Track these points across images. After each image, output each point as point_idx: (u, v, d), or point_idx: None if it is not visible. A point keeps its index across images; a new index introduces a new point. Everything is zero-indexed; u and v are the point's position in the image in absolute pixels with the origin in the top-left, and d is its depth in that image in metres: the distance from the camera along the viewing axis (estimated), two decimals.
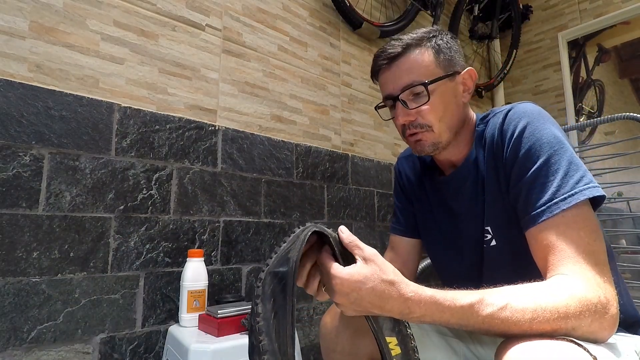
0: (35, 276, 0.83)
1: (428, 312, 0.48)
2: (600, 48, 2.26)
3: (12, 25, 0.85)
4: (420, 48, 0.69)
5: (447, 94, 0.69)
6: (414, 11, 1.84)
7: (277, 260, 0.50)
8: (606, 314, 0.48)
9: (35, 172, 0.85)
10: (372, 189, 1.63)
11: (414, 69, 0.68)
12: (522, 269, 0.60)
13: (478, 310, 0.48)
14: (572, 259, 0.52)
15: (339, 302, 0.50)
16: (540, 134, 0.60)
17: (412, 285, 0.50)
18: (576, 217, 0.54)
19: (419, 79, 0.67)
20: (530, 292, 0.48)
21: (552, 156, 0.58)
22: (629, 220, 1.67)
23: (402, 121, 0.70)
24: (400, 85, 0.68)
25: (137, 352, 0.94)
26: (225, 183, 1.16)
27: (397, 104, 0.69)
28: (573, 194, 0.54)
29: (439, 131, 0.69)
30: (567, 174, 0.56)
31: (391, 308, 0.48)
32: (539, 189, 0.57)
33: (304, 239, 0.49)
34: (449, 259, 0.78)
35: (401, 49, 0.68)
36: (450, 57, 0.70)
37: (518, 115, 0.63)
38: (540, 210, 0.56)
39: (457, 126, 0.71)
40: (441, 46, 0.70)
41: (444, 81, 0.69)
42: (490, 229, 0.68)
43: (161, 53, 1.08)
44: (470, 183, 0.71)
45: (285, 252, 0.50)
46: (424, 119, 0.68)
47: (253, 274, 1.19)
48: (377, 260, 0.50)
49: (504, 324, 0.47)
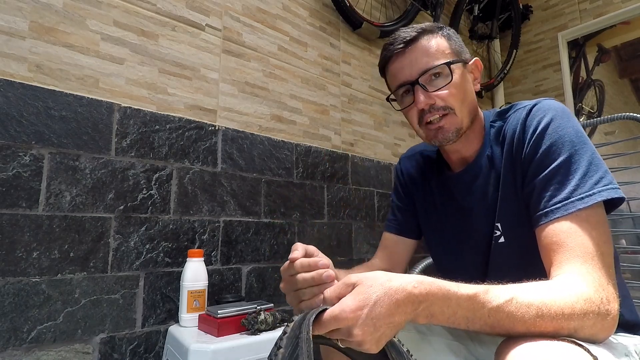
0: (35, 276, 0.83)
1: (436, 299, 0.45)
2: (600, 48, 2.26)
3: (12, 25, 0.85)
4: (434, 34, 0.69)
5: (464, 78, 0.70)
6: (414, 11, 1.85)
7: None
8: (608, 316, 0.48)
9: (35, 172, 0.85)
10: (372, 189, 1.63)
11: (432, 52, 0.68)
12: (528, 268, 0.59)
13: (484, 301, 0.46)
14: (580, 258, 0.51)
15: (360, 336, 0.43)
16: (563, 131, 0.59)
17: (409, 276, 0.47)
18: (590, 218, 0.54)
19: (437, 61, 0.67)
20: (537, 290, 0.48)
21: (573, 155, 0.57)
22: (629, 220, 1.67)
23: (423, 105, 0.67)
24: (418, 68, 0.67)
25: (137, 352, 0.94)
26: (225, 183, 1.16)
27: (417, 88, 0.67)
28: (591, 194, 0.54)
29: (461, 115, 0.68)
30: (586, 173, 0.56)
31: (405, 307, 0.44)
32: (556, 187, 0.57)
33: (308, 336, 0.43)
34: (453, 256, 0.77)
35: (417, 33, 0.68)
36: (460, 45, 0.72)
37: (543, 111, 0.63)
38: (555, 207, 0.56)
39: (473, 113, 0.71)
40: (452, 36, 0.71)
41: (459, 65, 0.69)
42: (500, 226, 0.67)
43: (161, 53, 1.08)
44: (483, 179, 0.70)
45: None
46: (445, 102, 0.67)
47: (253, 273, 1.19)
48: (362, 275, 0.47)
49: (509, 318, 0.45)
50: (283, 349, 0.44)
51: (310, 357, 0.42)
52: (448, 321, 0.47)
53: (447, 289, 0.46)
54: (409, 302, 0.44)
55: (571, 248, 0.52)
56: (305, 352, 0.42)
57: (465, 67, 0.71)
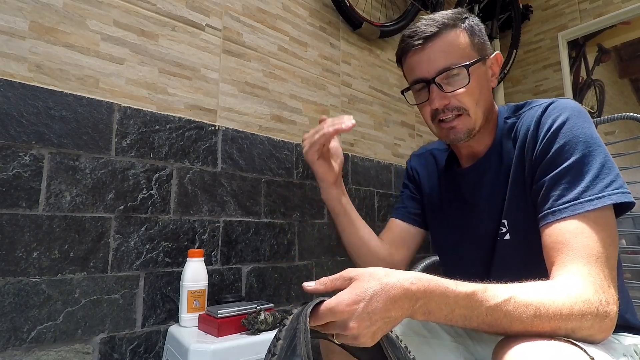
0: (35, 276, 0.83)
1: (433, 296, 0.45)
2: (600, 48, 2.26)
3: (12, 25, 0.85)
4: (456, 29, 0.67)
5: (482, 77, 0.68)
6: (414, 11, 1.85)
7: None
8: (606, 317, 0.48)
9: (35, 172, 0.85)
10: (372, 189, 1.63)
11: (451, 50, 0.66)
12: (531, 267, 0.59)
13: (482, 299, 0.46)
14: (584, 259, 0.51)
15: (356, 330, 0.43)
16: (578, 131, 0.59)
17: (408, 272, 0.47)
18: (598, 220, 0.53)
19: (456, 61, 0.65)
20: (536, 289, 0.48)
21: (586, 156, 0.57)
22: (629, 220, 1.67)
23: (438, 105, 0.67)
24: (436, 67, 0.66)
25: (137, 352, 0.94)
26: (225, 183, 1.16)
27: (432, 87, 0.67)
28: (600, 197, 0.54)
29: (474, 116, 0.67)
30: (597, 176, 0.55)
31: (402, 302, 0.44)
32: (565, 186, 0.56)
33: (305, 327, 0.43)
34: (458, 251, 0.77)
35: (437, 28, 0.66)
36: (483, 40, 0.69)
37: (559, 110, 0.62)
38: (563, 207, 0.55)
39: (488, 111, 0.70)
40: (474, 28, 0.68)
41: (479, 64, 0.67)
42: (506, 223, 0.67)
43: (161, 53, 1.08)
44: (492, 174, 0.70)
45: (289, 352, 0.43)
46: (460, 103, 0.66)
47: (253, 273, 1.19)
48: (360, 270, 0.46)
49: (506, 317, 0.45)
50: (282, 341, 0.44)
51: (308, 347, 0.42)
52: (445, 319, 0.46)
53: (445, 286, 0.46)
54: (405, 298, 0.44)
55: (576, 249, 0.52)
56: (303, 342, 0.42)
57: (485, 63, 0.69)
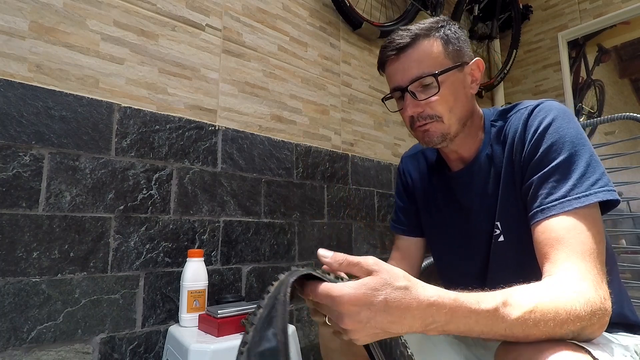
0: (35, 276, 0.83)
1: (453, 318, 0.42)
2: (600, 48, 2.26)
3: (12, 25, 0.85)
4: (429, 39, 0.68)
5: (457, 84, 0.69)
6: (414, 11, 1.85)
7: (258, 334, 0.40)
8: (606, 313, 0.48)
9: (35, 172, 0.85)
10: (372, 189, 1.63)
11: (423, 59, 0.67)
12: (527, 267, 0.60)
13: (502, 316, 0.44)
14: (580, 254, 0.52)
15: (350, 328, 0.41)
16: (564, 131, 0.60)
17: (430, 288, 0.43)
18: (587, 216, 0.54)
19: (428, 70, 0.66)
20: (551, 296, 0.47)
21: (572, 155, 0.58)
22: (629, 220, 1.67)
23: (411, 112, 0.69)
24: (409, 76, 0.67)
25: (137, 352, 0.94)
26: (225, 183, 1.16)
27: (406, 96, 0.68)
28: (587, 195, 0.55)
29: (448, 122, 0.68)
30: (584, 174, 0.57)
31: (412, 320, 0.41)
32: (553, 185, 0.58)
33: (285, 298, 0.40)
34: (454, 255, 0.78)
35: (410, 39, 0.67)
36: (459, 47, 0.70)
37: (545, 112, 0.64)
38: (552, 204, 0.57)
39: (466, 117, 0.71)
40: (449, 36, 0.69)
41: (453, 72, 0.68)
42: (499, 225, 0.68)
43: (161, 53, 1.08)
44: (483, 178, 0.71)
45: (266, 323, 0.40)
46: (434, 110, 0.67)
47: (253, 273, 1.19)
48: (383, 266, 0.42)
49: (524, 331, 0.44)
50: (262, 309, 0.41)
51: (285, 320, 0.39)
52: (461, 333, 0.45)
53: (469, 307, 0.43)
54: (420, 318, 0.41)
55: (569, 245, 0.53)
56: (280, 315, 0.39)
57: (463, 70, 0.70)
